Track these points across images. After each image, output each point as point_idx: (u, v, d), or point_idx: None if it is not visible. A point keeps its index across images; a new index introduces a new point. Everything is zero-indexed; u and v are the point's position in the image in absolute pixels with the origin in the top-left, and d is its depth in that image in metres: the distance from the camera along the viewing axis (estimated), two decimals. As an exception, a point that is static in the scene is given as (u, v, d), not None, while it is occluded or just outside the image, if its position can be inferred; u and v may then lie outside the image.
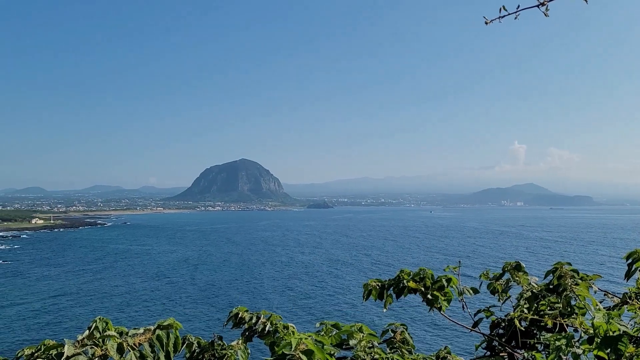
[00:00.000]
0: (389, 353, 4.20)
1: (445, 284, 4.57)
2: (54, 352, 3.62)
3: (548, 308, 4.26)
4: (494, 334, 4.62)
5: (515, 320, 4.17)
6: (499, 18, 4.92)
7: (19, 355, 4.88)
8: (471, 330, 4.74)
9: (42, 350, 3.93)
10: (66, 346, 3.48)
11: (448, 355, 4.79)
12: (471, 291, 4.76)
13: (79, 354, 3.46)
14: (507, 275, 4.87)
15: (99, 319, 3.80)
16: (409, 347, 4.54)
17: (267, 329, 4.77)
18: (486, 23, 4.87)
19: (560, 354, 3.38)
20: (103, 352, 3.49)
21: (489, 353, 4.57)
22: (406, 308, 66.98)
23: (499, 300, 4.89)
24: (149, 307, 77.91)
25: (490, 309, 4.79)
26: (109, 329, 3.75)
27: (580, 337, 3.54)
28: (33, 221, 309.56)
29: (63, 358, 3.41)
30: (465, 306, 4.69)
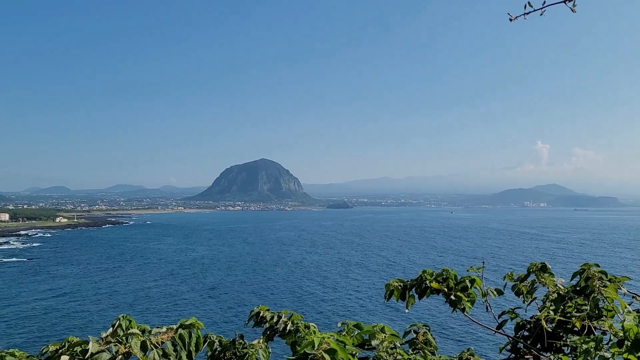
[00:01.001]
0: (411, 354, 4.16)
1: (469, 284, 4.50)
2: (78, 348, 3.65)
3: (575, 310, 4.17)
4: (518, 335, 4.53)
5: (543, 321, 4.08)
6: (523, 15, 4.83)
7: (44, 351, 4.96)
8: (495, 332, 4.66)
9: (67, 347, 3.98)
10: (90, 343, 3.52)
11: (471, 357, 4.71)
12: (495, 292, 4.68)
13: (103, 351, 3.49)
14: (532, 277, 4.78)
15: (122, 316, 3.83)
16: (432, 349, 4.47)
17: (288, 328, 4.76)
18: (510, 20, 4.79)
19: (588, 357, 3.31)
20: (126, 350, 3.52)
21: (513, 355, 4.49)
22: (422, 310, 66.56)
23: (523, 302, 4.80)
24: (168, 306, 78.69)
25: (514, 310, 4.70)
26: (132, 327, 3.78)
27: (610, 340, 3.45)
28: (57, 220, 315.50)
29: (88, 355, 3.45)
30: (489, 307, 4.61)
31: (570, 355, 4.09)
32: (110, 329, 3.72)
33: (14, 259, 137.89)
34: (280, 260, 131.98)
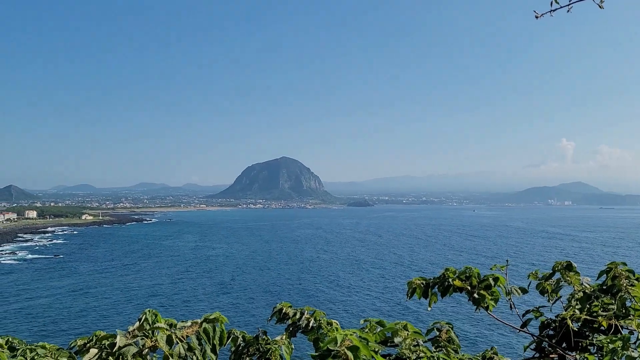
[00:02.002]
0: (434, 352, 4.14)
1: (492, 283, 4.46)
2: (106, 342, 3.74)
3: (601, 309, 4.11)
4: (543, 334, 4.48)
5: (568, 320, 4.04)
6: (550, 12, 4.76)
7: (72, 345, 5.08)
8: (519, 330, 4.61)
9: (94, 340, 4.08)
10: (118, 337, 3.60)
11: (495, 355, 4.68)
12: (519, 291, 4.63)
13: (130, 344, 3.57)
14: (557, 275, 4.72)
15: (149, 311, 3.91)
16: (455, 347, 4.46)
17: (311, 324, 4.79)
18: (537, 17, 4.73)
19: (615, 356, 3.27)
20: (153, 344, 3.59)
21: (538, 354, 4.44)
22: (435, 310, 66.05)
23: (548, 301, 4.74)
24: (188, 301, 79.57)
25: (539, 309, 4.65)
26: (158, 321, 3.85)
27: (637, 339, 3.40)
28: (83, 217, 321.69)
29: (115, 348, 3.53)
30: (513, 306, 4.57)
31: (596, 354, 4.03)
32: (137, 323, 3.80)
33: (42, 256, 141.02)
34: (296, 259, 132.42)
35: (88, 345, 4.01)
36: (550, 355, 4.33)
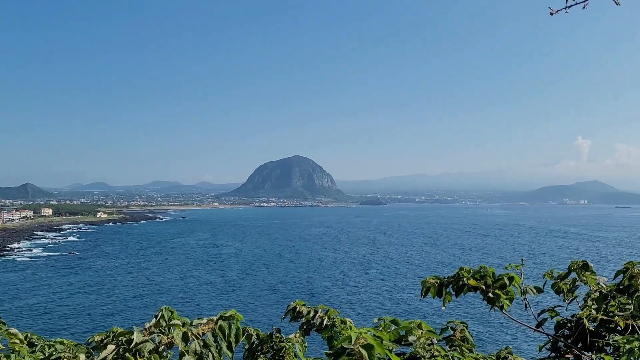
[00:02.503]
0: (448, 351, 4.14)
1: (507, 282, 4.44)
2: (123, 338, 3.79)
3: (618, 309, 4.08)
4: (559, 334, 4.45)
5: (585, 320, 4.01)
6: (565, 8, 4.72)
7: (90, 341, 5.15)
8: (535, 330, 4.59)
9: (111, 337, 4.14)
10: (135, 333, 3.65)
11: (509, 355, 4.66)
12: (535, 290, 4.61)
13: (147, 341, 3.61)
14: (573, 275, 4.69)
15: (165, 308, 3.95)
16: (469, 346, 4.45)
17: (324, 323, 4.81)
18: (551, 14, 4.69)
19: (632, 357, 3.24)
20: (169, 340, 3.63)
21: (553, 354, 4.42)
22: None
23: (564, 301, 4.71)
24: (201, 300, 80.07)
25: (555, 309, 4.62)
26: (174, 318, 3.90)
27: (655, 340, 3.36)
28: (98, 215, 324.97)
29: (132, 344, 3.57)
30: (528, 305, 4.55)
31: (612, 355, 4.00)
32: (154, 320, 3.84)
33: (57, 253, 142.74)
34: (305, 257, 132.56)
35: (105, 341, 4.06)
36: (566, 355, 4.30)
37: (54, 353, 4.14)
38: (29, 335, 4.75)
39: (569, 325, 4.42)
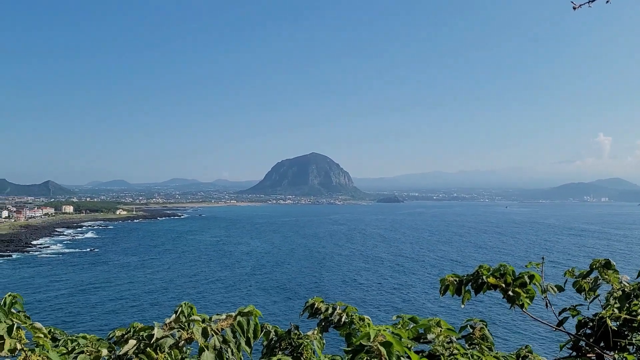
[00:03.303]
0: (468, 349, 4.11)
1: (528, 280, 4.38)
2: (144, 333, 3.84)
3: (641, 309, 4.00)
4: (580, 333, 4.39)
5: (607, 319, 3.94)
6: (588, 3, 4.64)
7: (110, 336, 5.23)
8: (555, 329, 4.53)
9: (132, 332, 4.19)
10: (155, 329, 3.69)
11: (529, 354, 4.62)
12: (555, 289, 4.55)
13: (167, 336, 3.66)
14: (595, 273, 4.62)
15: (185, 304, 3.99)
16: (489, 344, 4.41)
17: (343, 320, 4.81)
18: (574, 8, 4.61)
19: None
20: (189, 336, 3.67)
21: (574, 353, 4.35)
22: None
23: (585, 299, 4.65)
24: (219, 295, 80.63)
25: (576, 307, 4.56)
26: (193, 314, 3.93)
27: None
28: (117, 212, 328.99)
29: (153, 340, 3.62)
30: (548, 304, 4.49)
31: (635, 354, 3.94)
32: (173, 316, 3.89)
33: (78, 250, 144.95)
34: (318, 255, 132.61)
35: (126, 336, 4.12)
36: (588, 355, 4.24)
37: (76, 347, 4.21)
38: (52, 330, 4.84)
39: (591, 324, 4.35)
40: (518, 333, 57.01)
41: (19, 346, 3.54)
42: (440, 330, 4.07)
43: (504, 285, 4.40)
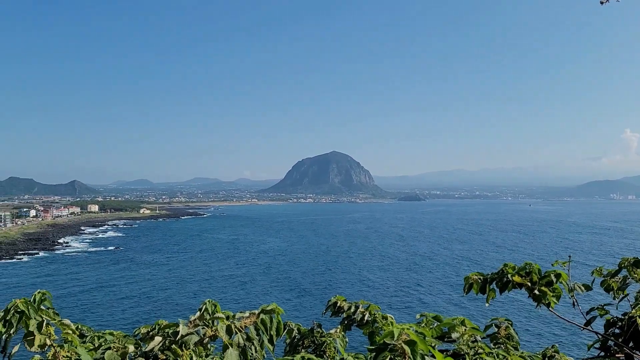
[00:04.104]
0: (493, 348, 4.06)
1: (554, 279, 4.31)
2: (169, 330, 3.89)
3: (673, 308, 3.91)
4: (609, 333, 4.30)
5: (638, 318, 3.86)
6: (615, -5, 4.54)
7: (136, 332, 5.31)
8: (583, 328, 4.45)
9: (157, 329, 4.25)
10: (181, 326, 3.74)
11: (556, 354, 4.55)
12: (583, 288, 4.46)
13: (192, 333, 3.70)
14: (623, 272, 4.52)
15: (209, 301, 4.03)
16: (514, 344, 4.35)
17: (365, 318, 4.80)
18: (602, 3, 4.52)
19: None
20: (213, 333, 3.71)
21: (603, 353, 4.27)
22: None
23: (614, 299, 4.55)
24: (240, 293, 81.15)
25: (604, 307, 4.47)
26: (217, 312, 3.97)
27: None
28: (141, 211, 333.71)
29: (178, 337, 3.67)
30: (576, 303, 4.41)
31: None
32: (198, 313, 3.93)
33: (103, 248, 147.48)
34: (333, 254, 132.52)
35: (151, 333, 4.17)
36: (617, 355, 4.16)
37: (103, 344, 4.28)
38: (79, 326, 4.92)
39: (620, 323, 4.26)
40: (540, 334, 56.20)
41: (48, 342, 3.61)
42: (465, 329, 4.02)
43: (529, 284, 4.33)
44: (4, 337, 3.58)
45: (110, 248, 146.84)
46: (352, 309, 4.96)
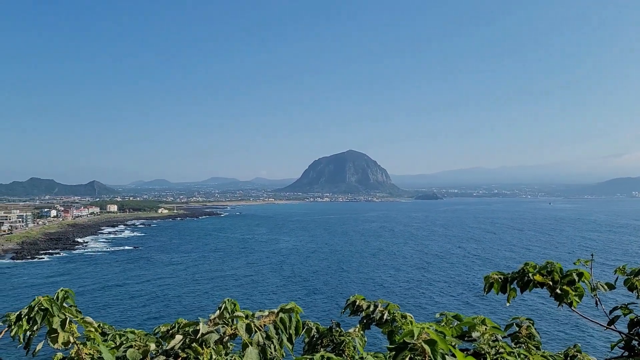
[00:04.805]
0: (514, 347, 4.02)
1: (576, 278, 4.25)
2: (189, 329, 3.92)
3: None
4: (633, 332, 4.23)
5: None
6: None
7: (156, 331, 5.36)
8: (606, 328, 4.38)
9: (177, 327, 4.29)
10: (201, 324, 3.76)
11: (578, 353, 4.48)
12: (606, 287, 4.39)
13: (212, 331, 3.72)
14: (648, 271, 4.44)
15: (228, 300, 4.05)
16: (535, 343, 4.30)
17: (385, 317, 4.78)
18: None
19: None
20: (233, 331, 3.73)
21: (626, 353, 4.20)
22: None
23: (637, 298, 4.47)
24: (257, 292, 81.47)
25: (628, 306, 4.39)
26: (236, 310, 3.99)
27: None
28: (159, 211, 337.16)
29: (199, 335, 3.69)
30: (598, 302, 4.34)
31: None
32: (218, 312, 3.95)
33: (122, 247, 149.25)
34: (347, 252, 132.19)
35: (172, 331, 4.21)
36: (641, 355, 4.08)
37: (124, 342, 4.33)
38: (101, 325, 4.99)
39: (645, 323, 4.19)
40: (560, 333, 55.47)
41: (71, 339, 3.67)
42: (485, 329, 3.98)
43: (551, 283, 4.28)
44: (27, 333, 3.64)
45: (129, 247, 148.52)
46: (371, 308, 4.95)
